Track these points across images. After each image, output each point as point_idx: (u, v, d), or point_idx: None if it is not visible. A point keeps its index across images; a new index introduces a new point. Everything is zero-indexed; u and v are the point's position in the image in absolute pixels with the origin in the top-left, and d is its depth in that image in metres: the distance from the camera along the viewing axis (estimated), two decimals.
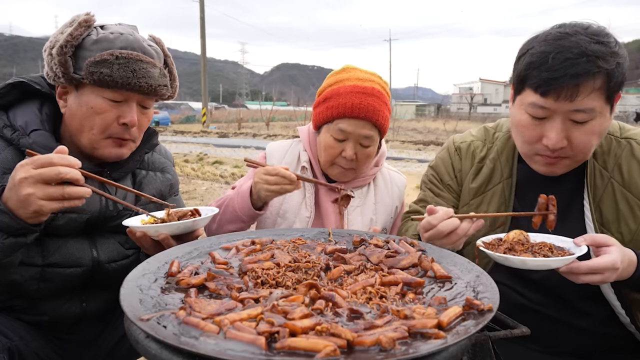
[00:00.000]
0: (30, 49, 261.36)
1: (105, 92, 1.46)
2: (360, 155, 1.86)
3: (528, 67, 1.37)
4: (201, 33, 36.23)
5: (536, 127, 1.41)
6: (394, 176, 2.13)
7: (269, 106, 47.58)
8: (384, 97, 1.85)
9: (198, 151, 15.81)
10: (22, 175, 1.16)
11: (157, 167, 1.79)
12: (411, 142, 20.20)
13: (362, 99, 1.79)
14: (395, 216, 2.05)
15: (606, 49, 1.30)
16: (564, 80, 1.29)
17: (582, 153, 1.43)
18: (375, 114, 1.80)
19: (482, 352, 0.98)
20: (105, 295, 1.63)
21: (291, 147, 2.06)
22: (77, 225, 1.52)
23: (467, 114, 59.12)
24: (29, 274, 1.48)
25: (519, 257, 1.24)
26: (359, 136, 1.82)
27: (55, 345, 1.62)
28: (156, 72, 1.51)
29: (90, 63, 1.42)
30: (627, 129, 1.58)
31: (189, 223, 1.43)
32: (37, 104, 1.55)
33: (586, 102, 1.31)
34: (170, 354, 0.78)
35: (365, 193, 2.00)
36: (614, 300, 1.49)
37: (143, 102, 1.54)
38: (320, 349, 0.74)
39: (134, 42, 1.48)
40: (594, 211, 1.50)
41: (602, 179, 1.51)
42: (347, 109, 1.78)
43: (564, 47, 1.31)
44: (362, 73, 1.90)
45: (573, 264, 1.23)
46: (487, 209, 1.64)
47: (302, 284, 1.02)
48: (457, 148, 1.78)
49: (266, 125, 33.39)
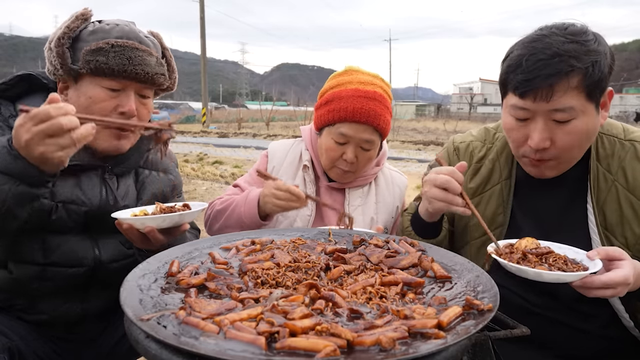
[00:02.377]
0: (30, 49, 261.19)
1: (102, 81, 1.47)
2: (360, 158, 1.86)
3: (507, 71, 1.40)
4: (201, 33, 36.22)
5: (521, 128, 1.42)
6: (395, 176, 2.13)
7: (269, 106, 47.56)
8: (385, 100, 1.85)
9: (198, 151, 15.81)
10: (26, 136, 1.14)
11: (159, 168, 1.80)
12: (411, 142, 20.20)
13: (363, 104, 1.79)
14: (396, 216, 2.05)
15: (581, 47, 1.31)
16: (537, 82, 1.32)
17: (567, 153, 1.42)
18: (377, 119, 1.80)
19: (482, 352, 0.98)
20: (106, 295, 1.63)
21: (293, 146, 2.07)
22: (77, 219, 1.52)
23: (467, 114, 59.10)
24: (30, 273, 1.48)
25: (534, 270, 1.22)
26: (360, 140, 1.82)
27: (55, 344, 1.62)
28: (152, 61, 1.52)
29: (87, 52, 1.44)
30: (631, 130, 1.56)
31: (175, 217, 1.43)
32: (43, 97, 1.55)
33: (563, 101, 1.32)
34: (170, 354, 0.77)
35: (366, 192, 2.01)
36: (617, 304, 1.48)
37: (141, 91, 1.55)
38: (320, 349, 0.74)
39: (129, 32, 1.50)
40: (598, 215, 1.48)
41: (605, 182, 1.49)
42: (349, 114, 1.79)
43: (537, 49, 1.34)
44: (364, 76, 1.89)
45: (587, 279, 1.21)
46: (485, 209, 1.63)
47: (302, 284, 1.02)
48: (455, 148, 1.78)
49: (266, 125, 33.38)
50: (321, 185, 2.01)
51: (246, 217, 1.76)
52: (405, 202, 2.10)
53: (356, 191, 2.00)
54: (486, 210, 1.63)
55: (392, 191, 2.07)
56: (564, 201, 1.53)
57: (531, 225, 1.56)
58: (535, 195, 1.58)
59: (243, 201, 1.79)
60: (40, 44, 18.55)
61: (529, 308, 1.60)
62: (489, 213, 1.63)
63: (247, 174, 2.08)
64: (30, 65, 65.89)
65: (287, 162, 2.01)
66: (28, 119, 1.14)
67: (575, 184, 1.53)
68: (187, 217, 1.47)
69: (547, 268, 1.24)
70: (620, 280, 1.20)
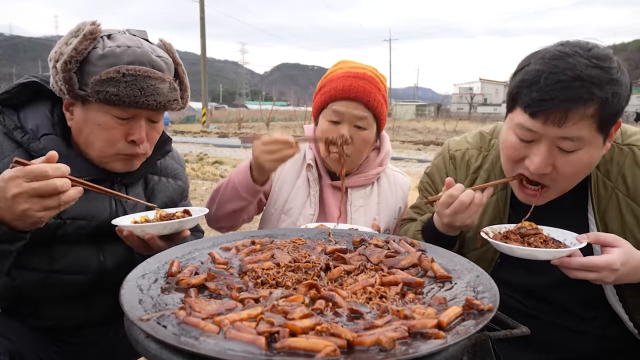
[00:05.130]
0: (30, 49, 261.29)
1: (112, 109, 1.41)
2: (356, 138, 1.85)
3: (520, 85, 1.32)
4: (201, 33, 36.22)
5: (522, 149, 1.37)
6: (398, 177, 2.12)
7: (269, 106, 47.57)
8: (376, 81, 1.88)
9: (198, 151, 15.80)
10: (14, 191, 1.09)
11: (169, 173, 1.77)
12: (411, 142, 20.20)
13: (352, 82, 1.84)
14: (398, 217, 2.05)
15: (604, 75, 1.23)
16: (553, 104, 1.24)
17: (564, 183, 1.38)
18: (367, 95, 1.83)
19: (482, 352, 0.98)
20: (110, 302, 1.62)
21: None
22: (86, 232, 1.50)
23: (467, 114, 59.10)
24: (34, 279, 1.46)
25: (507, 245, 1.29)
26: (352, 117, 1.83)
27: (56, 347, 1.62)
28: (165, 88, 1.44)
29: (96, 82, 1.36)
30: (628, 134, 1.51)
31: (175, 224, 1.42)
32: (48, 105, 1.51)
33: (575, 129, 1.25)
34: (170, 354, 0.77)
35: (368, 193, 2.01)
36: (616, 305, 1.47)
37: (152, 117, 1.50)
38: (320, 349, 0.74)
39: (141, 55, 1.41)
40: (599, 223, 1.45)
41: (605, 189, 1.45)
42: (339, 91, 1.83)
43: (558, 68, 1.25)
44: (355, 63, 1.96)
45: (564, 259, 1.23)
46: (482, 220, 1.59)
47: (302, 284, 1.02)
48: (451, 157, 1.74)
49: (266, 125, 33.37)
50: (324, 184, 2.00)
51: (240, 184, 1.73)
52: (408, 203, 2.09)
53: (358, 191, 1.99)
54: (483, 221, 1.59)
55: (394, 192, 2.06)
56: (563, 210, 1.49)
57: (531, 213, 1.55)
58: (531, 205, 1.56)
59: (236, 172, 1.77)
60: (40, 44, 18.39)
61: (527, 311, 1.59)
62: (485, 224, 1.58)
63: None
64: (30, 65, 65.35)
65: (291, 161, 1.98)
66: (22, 173, 1.10)
67: (575, 192, 1.48)
68: (187, 224, 1.46)
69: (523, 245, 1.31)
70: (602, 264, 1.20)
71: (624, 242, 1.25)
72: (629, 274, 1.25)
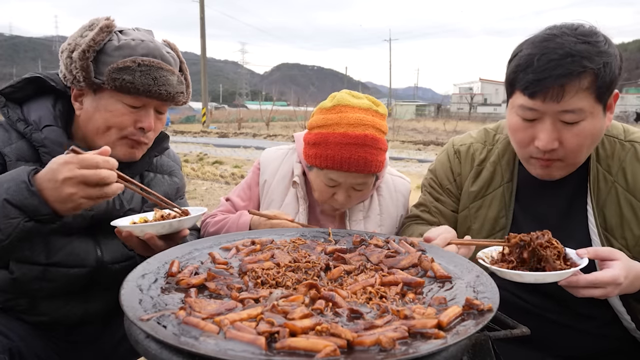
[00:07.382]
0: (30, 49, 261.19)
1: (125, 97, 1.48)
2: (353, 196, 1.78)
3: (516, 70, 1.38)
4: (201, 33, 36.22)
5: (527, 129, 1.41)
6: (398, 183, 2.01)
7: (269, 106, 47.55)
8: (377, 142, 1.67)
9: (198, 151, 15.81)
10: (66, 174, 1.16)
11: (165, 170, 1.80)
12: (411, 142, 20.20)
13: (352, 152, 1.63)
14: (399, 226, 1.98)
15: (593, 48, 1.29)
16: (549, 82, 1.29)
17: (574, 155, 1.41)
18: (368, 166, 1.66)
19: (482, 352, 0.97)
20: (107, 297, 1.63)
21: (286, 157, 1.97)
22: (82, 222, 1.53)
23: (467, 114, 59.10)
24: (32, 273, 1.48)
25: (515, 271, 1.24)
26: (351, 184, 1.73)
27: (56, 345, 1.62)
28: (174, 80, 1.55)
29: (113, 69, 1.44)
30: (631, 131, 1.55)
31: (175, 223, 1.43)
32: (51, 100, 1.57)
33: (574, 102, 1.30)
34: (170, 354, 0.78)
35: (367, 206, 1.92)
36: (619, 306, 1.48)
37: (159, 107, 1.58)
38: (320, 349, 0.74)
39: (154, 49, 1.51)
40: (598, 216, 1.48)
41: (605, 183, 1.48)
42: (336, 163, 1.65)
43: (548, 49, 1.31)
44: (354, 113, 1.67)
45: (572, 278, 1.22)
46: (487, 212, 1.62)
47: (302, 284, 1.02)
48: (456, 151, 1.76)
49: (266, 125, 33.38)
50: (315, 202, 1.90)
51: None
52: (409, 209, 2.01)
53: (357, 205, 1.91)
54: (488, 214, 1.62)
55: (395, 200, 1.97)
56: (564, 203, 1.52)
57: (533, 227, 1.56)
58: (537, 198, 1.57)
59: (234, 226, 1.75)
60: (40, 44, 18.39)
61: (528, 308, 1.60)
62: (490, 216, 1.62)
63: (239, 187, 2.00)
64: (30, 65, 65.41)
65: (280, 176, 1.92)
66: (76, 160, 1.17)
67: (576, 185, 1.52)
68: (186, 223, 1.47)
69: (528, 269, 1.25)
70: (608, 280, 1.20)
71: (620, 254, 1.26)
72: (630, 286, 1.26)
